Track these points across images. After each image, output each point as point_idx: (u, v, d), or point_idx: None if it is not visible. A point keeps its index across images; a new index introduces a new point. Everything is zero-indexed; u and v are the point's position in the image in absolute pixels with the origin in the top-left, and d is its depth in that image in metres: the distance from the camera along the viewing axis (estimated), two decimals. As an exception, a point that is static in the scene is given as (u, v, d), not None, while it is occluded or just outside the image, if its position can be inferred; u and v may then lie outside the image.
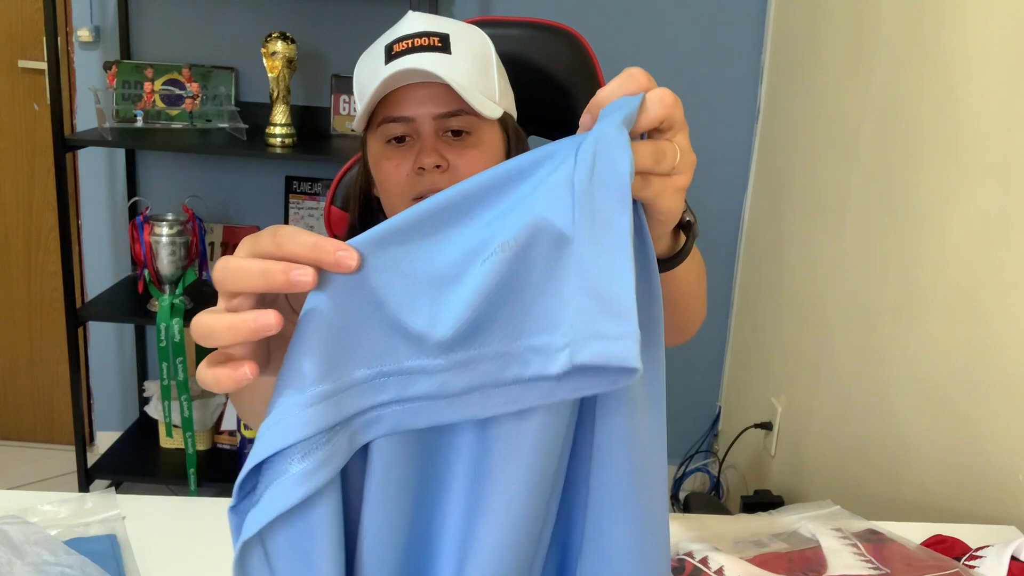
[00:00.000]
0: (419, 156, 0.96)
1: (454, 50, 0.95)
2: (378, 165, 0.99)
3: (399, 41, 0.95)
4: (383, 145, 0.98)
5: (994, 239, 1.30)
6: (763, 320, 2.42)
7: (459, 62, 0.94)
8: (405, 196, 0.97)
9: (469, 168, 0.97)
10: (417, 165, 0.95)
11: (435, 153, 0.95)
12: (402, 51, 0.94)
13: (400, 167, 0.97)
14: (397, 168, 0.97)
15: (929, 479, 1.44)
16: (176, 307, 2.29)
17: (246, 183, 2.63)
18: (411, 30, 0.96)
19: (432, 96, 0.95)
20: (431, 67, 0.91)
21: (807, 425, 2.03)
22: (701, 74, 2.54)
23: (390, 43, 0.96)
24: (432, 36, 0.95)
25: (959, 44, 1.44)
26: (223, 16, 2.51)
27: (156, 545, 0.99)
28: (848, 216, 1.84)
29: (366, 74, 0.98)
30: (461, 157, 0.97)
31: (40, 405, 2.85)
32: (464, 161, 0.97)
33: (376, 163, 1.00)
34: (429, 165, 0.95)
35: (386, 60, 0.95)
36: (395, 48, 0.95)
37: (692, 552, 0.98)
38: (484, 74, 0.99)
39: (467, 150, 0.97)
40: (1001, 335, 1.26)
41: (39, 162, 2.65)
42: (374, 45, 0.99)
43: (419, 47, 0.94)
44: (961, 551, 1.02)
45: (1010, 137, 1.27)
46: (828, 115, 2.00)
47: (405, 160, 0.97)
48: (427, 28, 0.96)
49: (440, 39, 0.95)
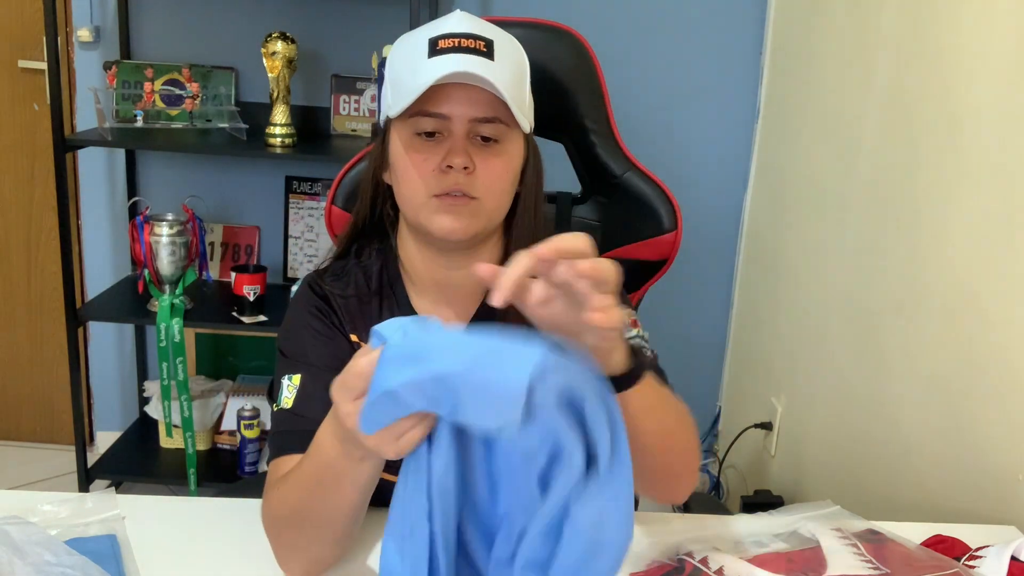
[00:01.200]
0: (449, 154, 0.96)
1: (497, 57, 0.95)
2: (401, 155, 0.99)
3: (445, 38, 0.95)
4: (411, 135, 0.98)
5: (994, 239, 1.30)
6: (763, 320, 2.42)
7: (502, 71, 0.95)
8: (426, 192, 0.97)
9: (491, 175, 0.98)
10: (446, 163, 0.96)
11: (465, 154, 0.96)
12: (447, 48, 0.94)
13: (428, 161, 0.97)
14: (425, 161, 0.97)
15: (929, 479, 1.44)
16: (176, 307, 2.29)
17: (246, 183, 2.63)
18: (458, 29, 0.96)
19: (471, 99, 0.95)
20: (482, 72, 0.92)
21: (807, 425, 2.03)
22: (701, 74, 2.54)
23: (435, 37, 0.95)
24: (479, 39, 0.95)
25: (959, 44, 1.44)
26: (223, 16, 2.51)
27: (156, 545, 0.99)
28: (848, 216, 1.84)
29: (404, 63, 0.98)
30: (486, 164, 0.97)
31: (40, 405, 2.85)
32: (488, 168, 0.97)
33: (400, 153, 0.99)
34: (458, 165, 0.95)
35: (429, 53, 0.94)
36: (440, 44, 0.94)
37: (692, 552, 0.99)
38: (520, 86, 0.99)
39: (493, 158, 0.98)
40: (1001, 335, 1.26)
41: (39, 162, 2.65)
42: (415, 34, 0.99)
43: (465, 48, 0.94)
44: (961, 551, 1.02)
45: (1010, 137, 1.27)
46: (828, 115, 2.00)
47: (433, 155, 0.97)
48: (474, 31, 0.96)
49: (486, 44, 0.95)
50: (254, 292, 2.32)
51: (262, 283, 2.35)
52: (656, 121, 2.55)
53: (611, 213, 1.33)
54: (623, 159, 1.32)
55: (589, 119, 1.30)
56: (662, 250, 1.29)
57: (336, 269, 1.10)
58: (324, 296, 1.07)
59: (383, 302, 1.07)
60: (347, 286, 1.07)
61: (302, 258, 2.63)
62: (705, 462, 2.74)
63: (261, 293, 2.34)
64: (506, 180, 1.00)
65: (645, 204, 1.29)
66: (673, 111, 2.56)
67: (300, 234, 2.62)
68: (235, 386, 2.67)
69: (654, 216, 1.29)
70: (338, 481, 0.85)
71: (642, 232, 1.29)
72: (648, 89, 2.53)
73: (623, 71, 2.41)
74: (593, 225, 1.35)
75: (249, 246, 2.64)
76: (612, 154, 1.32)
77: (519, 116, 0.96)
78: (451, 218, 0.97)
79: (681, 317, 2.67)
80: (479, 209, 0.98)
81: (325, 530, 0.90)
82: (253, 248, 2.64)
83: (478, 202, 0.98)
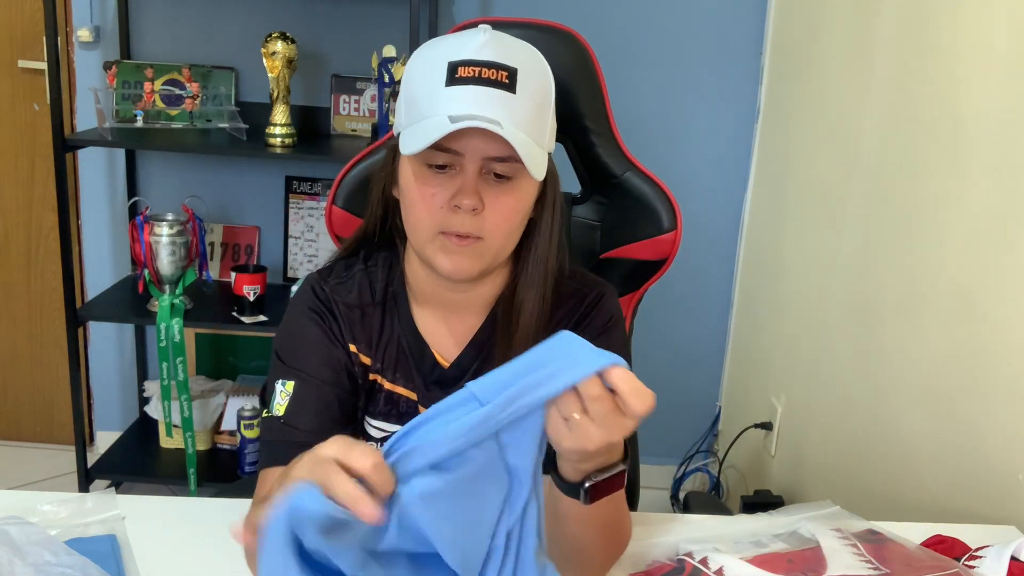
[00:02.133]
0: (458, 194, 0.93)
1: (519, 89, 0.91)
2: (410, 185, 0.96)
3: (465, 65, 0.91)
4: (422, 167, 0.95)
5: (994, 239, 1.30)
6: (763, 320, 2.42)
7: (522, 105, 0.92)
8: (432, 228, 0.95)
9: (500, 214, 0.95)
10: (454, 202, 0.93)
11: (475, 195, 0.93)
12: (467, 78, 0.90)
13: (435, 197, 0.94)
14: (432, 197, 0.94)
15: (929, 479, 1.44)
16: (176, 307, 2.29)
17: (246, 183, 2.63)
18: (480, 56, 0.91)
19: (487, 137, 0.90)
20: (498, 115, 0.89)
21: (807, 425, 2.03)
22: (701, 74, 2.54)
23: (455, 62, 0.91)
24: (501, 69, 0.91)
25: (959, 44, 1.44)
26: (223, 16, 2.51)
27: (156, 545, 0.99)
28: (848, 216, 1.84)
29: (421, 86, 0.94)
30: (496, 202, 0.95)
31: (40, 405, 2.85)
32: (498, 207, 0.95)
33: (409, 182, 0.97)
34: (467, 207, 0.93)
35: (448, 81, 0.91)
36: (459, 72, 0.91)
37: (692, 552, 0.99)
38: (541, 117, 0.96)
39: (503, 196, 0.95)
40: (1001, 335, 1.26)
41: (39, 162, 2.65)
42: (434, 50, 0.95)
43: (485, 79, 0.90)
44: (961, 551, 1.02)
45: (1010, 137, 1.27)
46: (828, 115, 2.01)
47: (442, 190, 0.94)
48: (496, 59, 0.92)
49: (508, 74, 0.91)
50: (254, 292, 2.33)
51: (262, 283, 2.35)
52: (656, 121, 2.55)
53: (611, 213, 1.33)
54: (623, 159, 1.32)
55: (589, 119, 1.30)
56: (662, 250, 1.29)
57: (341, 271, 1.08)
58: (326, 300, 1.05)
59: (385, 315, 1.06)
60: (350, 292, 1.05)
61: (302, 258, 2.63)
62: (705, 462, 2.74)
63: (261, 293, 2.34)
64: (515, 219, 0.98)
65: (645, 204, 1.29)
66: (673, 111, 2.56)
67: (300, 234, 2.62)
68: (235, 386, 2.67)
69: (654, 216, 1.28)
70: None
71: (642, 232, 1.29)
72: (648, 89, 2.53)
73: (623, 71, 2.42)
74: (593, 225, 1.35)
75: (249, 246, 2.64)
76: (612, 154, 1.31)
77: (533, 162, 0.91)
78: (456, 259, 0.95)
79: (681, 317, 2.67)
80: (485, 250, 0.96)
81: None
82: (253, 248, 2.64)
83: (484, 243, 0.95)
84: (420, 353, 1.06)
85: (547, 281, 1.03)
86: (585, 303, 1.07)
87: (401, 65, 2.30)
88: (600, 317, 1.06)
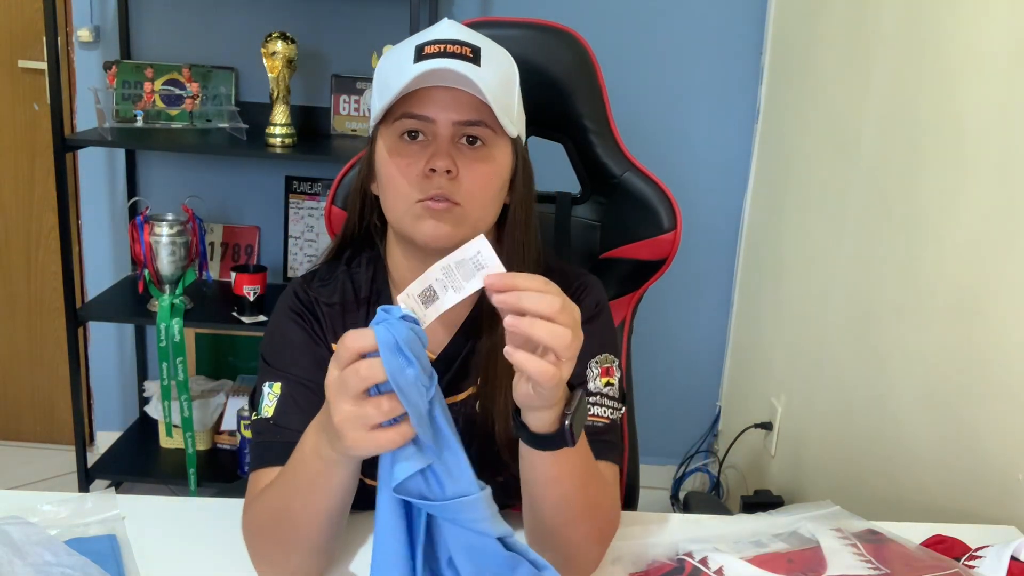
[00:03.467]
0: (432, 158, 0.95)
1: (483, 63, 0.95)
2: (386, 160, 0.99)
3: (431, 44, 0.95)
4: (396, 139, 0.98)
5: (994, 239, 1.30)
6: (763, 320, 2.42)
7: (489, 76, 0.94)
8: (410, 197, 0.97)
9: (475, 182, 0.97)
10: (429, 166, 0.95)
11: (448, 158, 0.95)
12: (433, 53, 0.94)
13: (411, 166, 0.96)
14: (408, 167, 0.96)
15: (929, 479, 1.44)
16: (176, 307, 2.29)
17: (246, 183, 2.63)
18: (444, 36, 0.96)
19: (456, 102, 0.95)
20: (467, 73, 0.92)
21: (807, 425, 2.03)
22: (701, 74, 2.54)
23: (421, 44, 0.95)
24: (465, 46, 0.95)
25: (959, 44, 1.44)
26: (223, 16, 2.51)
27: (156, 545, 1.00)
28: (848, 216, 1.84)
29: (390, 69, 0.98)
30: (471, 169, 0.96)
31: (40, 405, 2.85)
32: (473, 174, 0.97)
33: (384, 158, 0.99)
34: (441, 168, 0.94)
35: (415, 59, 0.94)
36: (426, 50, 0.94)
37: (692, 552, 0.99)
38: (507, 92, 0.99)
39: (478, 163, 0.97)
40: (1001, 335, 1.26)
41: (39, 162, 2.65)
42: (403, 43, 0.99)
43: (450, 53, 0.94)
44: (961, 551, 1.02)
45: (1010, 137, 1.27)
46: (828, 115, 2.01)
47: (417, 160, 0.96)
48: (460, 37, 0.96)
49: (472, 50, 0.95)
50: (254, 292, 2.33)
51: (262, 283, 2.35)
52: (656, 121, 2.55)
53: (610, 213, 1.33)
54: (623, 159, 1.32)
55: (588, 119, 1.30)
56: (661, 250, 1.29)
57: (324, 274, 1.09)
58: (308, 302, 1.06)
59: (369, 312, 1.06)
60: (333, 293, 1.07)
61: (302, 258, 2.63)
62: (705, 462, 2.74)
63: (261, 293, 2.34)
64: (492, 187, 0.99)
65: (644, 204, 1.29)
66: (673, 111, 2.56)
67: (300, 234, 2.62)
68: (235, 386, 2.67)
69: (653, 216, 1.28)
70: (315, 484, 0.86)
71: (641, 232, 1.29)
72: (648, 89, 2.53)
73: (623, 71, 2.41)
74: (593, 225, 1.35)
75: (249, 246, 2.64)
76: (611, 154, 1.32)
77: (504, 121, 0.95)
78: (434, 223, 0.96)
79: (681, 317, 2.67)
80: (463, 216, 0.97)
81: (302, 536, 0.90)
82: (253, 248, 2.64)
83: (462, 209, 0.96)
84: None
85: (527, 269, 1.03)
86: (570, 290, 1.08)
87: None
88: (588, 300, 1.07)
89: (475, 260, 0.77)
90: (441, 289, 0.78)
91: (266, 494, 0.93)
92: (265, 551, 0.94)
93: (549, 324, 0.75)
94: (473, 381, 1.06)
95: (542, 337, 0.75)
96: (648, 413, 1.85)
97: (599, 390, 1.02)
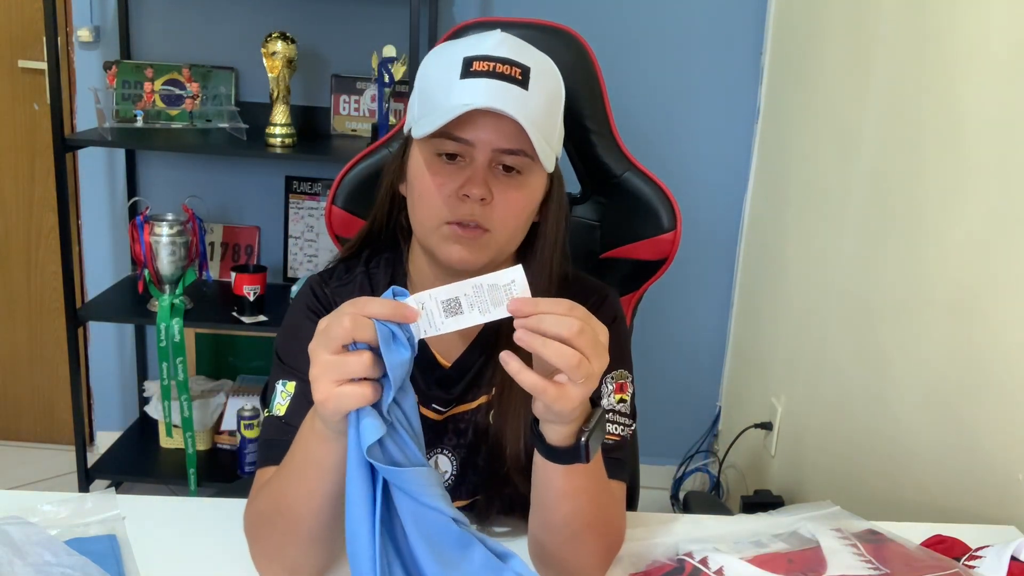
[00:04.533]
0: (467, 183, 0.93)
1: (532, 86, 0.93)
2: (420, 174, 0.97)
3: (480, 59, 0.93)
4: (433, 155, 0.96)
5: (994, 239, 1.30)
6: (763, 320, 2.42)
7: (534, 102, 0.93)
8: (440, 216, 0.95)
9: (508, 209, 0.95)
10: (463, 191, 0.93)
11: (484, 185, 0.93)
12: (482, 71, 0.92)
13: (444, 186, 0.94)
14: (441, 186, 0.94)
15: (929, 479, 1.44)
16: (176, 307, 2.29)
17: (246, 183, 2.63)
18: (495, 52, 0.93)
19: (498, 128, 0.92)
20: (510, 106, 0.90)
21: (807, 425, 2.03)
22: (701, 74, 2.54)
23: (470, 57, 0.93)
24: (515, 66, 0.93)
25: (959, 44, 1.44)
26: (223, 16, 2.51)
27: (156, 545, 0.99)
28: (848, 216, 1.84)
29: (436, 80, 0.96)
30: (505, 196, 0.95)
31: (40, 405, 2.85)
32: (507, 201, 0.95)
33: (419, 171, 0.97)
34: (475, 196, 0.93)
35: (462, 74, 0.92)
36: (475, 65, 0.92)
37: (692, 552, 0.99)
38: (551, 117, 0.98)
39: (512, 191, 0.96)
40: (1001, 335, 1.26)
41: (39, 162, 2.65)
42: (450, 48, 0.96)
43: (499, 74, 0.92)
44: (961, 551, 1.02)
45: (1010, 137, 1.27)
46: (828, 115, 2.01)
47: (452, 180, 0.94)
48: (511, 56, 0.93)
49: (522, 72, 0.93)
50: (254, 292, 2.33)
51: (262, 283, 2.35)
52: (656, 121, 2.55)
53: (610, 213, 1.33)
54: (623, 159, 1.32)
55: (589, 119, 1.30)
56: (661, 249, 1.29)
57: (342, 273, 1.08)
58: (327, 301, 1.05)
59: None
60: (351, 294, 1.04)
61: (302, 258, 2.63)
62: (705, 462, 2.74)
63: (261, 293, 2.34)
64: (523, 215, 0.98)
65: (644, 204, 1.29)
66: (673, 111, 2.56)
67: (300, 234, 2.62)
68: (235, 386, 2.67)
69: (653, 216, 1.28)
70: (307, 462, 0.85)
71: (641, 232, 1.29)
72: (648, 89, 2.53)
73: (623, 71, 2.42)
74: (593, 225, 1.35)
75: (249, 246, 2.64)
76: (612, 154, 1.31)
77: (544, 153, 0.93)
78: (460, 248, 0.95)
79: (681, 317, 2.67)
80: (491, 241, 0.96)
81: (298, 524, 0.89)
82: (253, 248, 2.64)
83: (491, 235, 0.95)
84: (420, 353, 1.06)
85: (551, 286, 1.03)
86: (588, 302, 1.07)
87: (401, 65, 2.30)
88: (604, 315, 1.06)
89: (507, 288, 0.77)
90: (467, 306, 0.78)
91: (266, 486, 0.92)
92: (264, 545, 0.93)
93: (558, 344, 0.75)
94: (486, 391, 1.05)
95: (549, 356, 0.75)
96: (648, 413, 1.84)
97: (612, 407, 1.02)
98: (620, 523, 0.99)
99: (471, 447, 1.07)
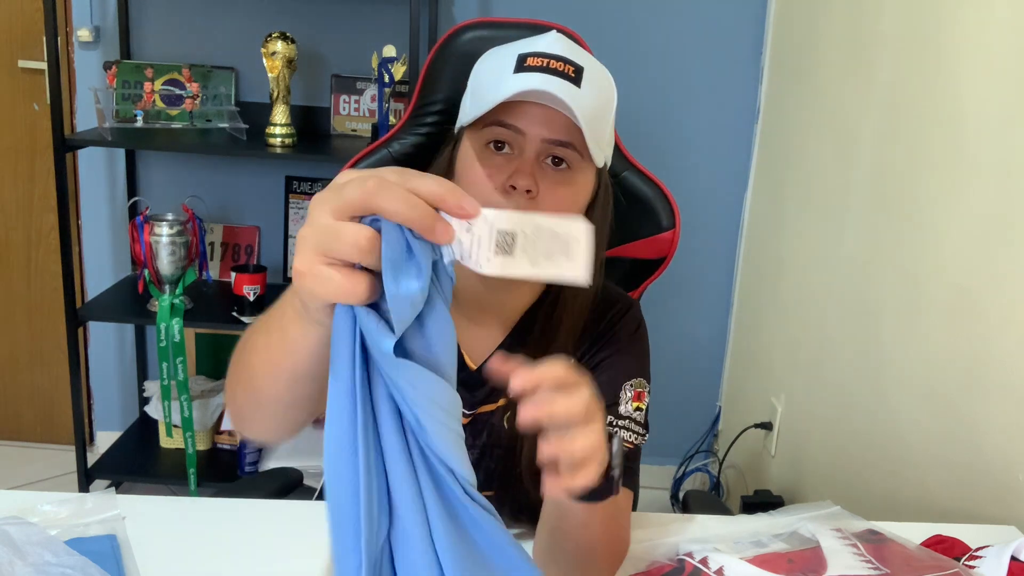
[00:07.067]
0: (515, 174, 0.92)
1: (584, 85, 0.93)
2: (470, 165, 0.96)
3: (535, 56, 0.93)
4: (482, 147, 0.96)
5: (994, 239, 1.30)
6: (763, 320, 2.42)
7: (586, 99, 0.92)
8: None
9: (554, 203, 0.94)
10: (510, 182, 0.93)
11: (531, 177, 0.92)
12: (535, 67, 0.92)
13: (493, 177, 0.94)
14: (489, 178, 0.94)
15: (929, 479, 1.44)
16: (176, 307, 2.29)
17: (246, 183, 2.63)
18: (550, 50, 0.94)
19: (549, 120, 0.92)
20: (564, 95, 0.90)
21: (807, 425, 2.03)
22: (701, 74, 2.54)
23: (524, 54, 0.94)
24: (568, 64, 0.93)
25: (959, 44, 1.44)
26: (223, 16, 2.51)
27: (156, 545, 0.99)
28: (848, 216, 1.84)
29: (488, 75, 0.96)
30: (552, 192, 0.94)
31: (40, 405, 2.85)
32: (553, 196, 0.94)
33: (468, 162, 0.97)
34: (522, 187, 0.92)
35: (516, 68, 0.93)
36: (528, 61, 0.93)
37: (692, 552, 0.99)
38: (602, 118, 0.97)
39: (559, 186, 0.95)
40: (1001, 335, 1.26)
41: (39, 162, 2.65)
42: (505, 48, 0.97)
43: (553, 69, 0.92)
44: (961, 551, 1.02)
45: (1010, 137, 1.27)
46: (828, 115, 2.01)
47: (500, 172, 0.94)
48: (565, 54, 0.94)
49: (575, 70, 0.93)
50: (254, 292, 2.33)
51: (262, 283, 2.35)
52: (656, 120, 2.55)
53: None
54: (622, 159, 1.32)
55: (589, 119, 1.30)
56: (660, 248, 1.29)
57: None
58: None
59: None
60: None
61: (302, 258, 2.63)
62: (705, 462, 2.74)
63: (261, 293, 2.34)
64: (569, 212, 0.96)
65: (643, 203, 1.29)
66: (673, 110, 2.56)
67: (300, 234, 2.62)
68: (235, 386, 2.67)
69: (652, 215, 1.29)
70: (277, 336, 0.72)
71: (640, 231, 1.29)
72: (648, 89, 2.53)
73: (623, 71, 2.41)
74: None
75: (249, 246, 2.64)
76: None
77: (593, 147, 0.93)
78: None
79: (681, 317, 2.67)
80: None
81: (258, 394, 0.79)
82: (253, 248, 2.64)
83: None
84: None
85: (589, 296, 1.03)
86: (614, 309, 1.08)
87: (401, 65, 2.30)
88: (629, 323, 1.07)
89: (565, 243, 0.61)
90: (520, 248, 0.61)
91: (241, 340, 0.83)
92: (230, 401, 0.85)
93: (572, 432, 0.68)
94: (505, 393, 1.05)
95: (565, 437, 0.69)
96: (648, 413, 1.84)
97: (629, 414, 1.02)
98: (627, 533, 0.99)
99: (485, 448, 1.07)
